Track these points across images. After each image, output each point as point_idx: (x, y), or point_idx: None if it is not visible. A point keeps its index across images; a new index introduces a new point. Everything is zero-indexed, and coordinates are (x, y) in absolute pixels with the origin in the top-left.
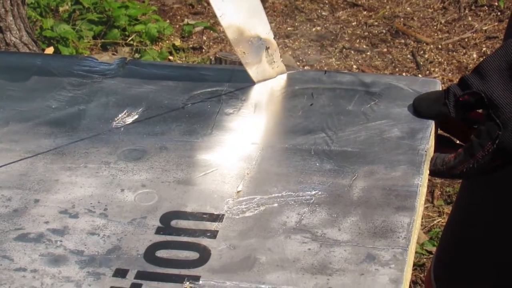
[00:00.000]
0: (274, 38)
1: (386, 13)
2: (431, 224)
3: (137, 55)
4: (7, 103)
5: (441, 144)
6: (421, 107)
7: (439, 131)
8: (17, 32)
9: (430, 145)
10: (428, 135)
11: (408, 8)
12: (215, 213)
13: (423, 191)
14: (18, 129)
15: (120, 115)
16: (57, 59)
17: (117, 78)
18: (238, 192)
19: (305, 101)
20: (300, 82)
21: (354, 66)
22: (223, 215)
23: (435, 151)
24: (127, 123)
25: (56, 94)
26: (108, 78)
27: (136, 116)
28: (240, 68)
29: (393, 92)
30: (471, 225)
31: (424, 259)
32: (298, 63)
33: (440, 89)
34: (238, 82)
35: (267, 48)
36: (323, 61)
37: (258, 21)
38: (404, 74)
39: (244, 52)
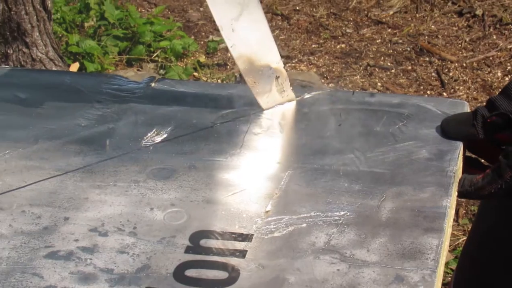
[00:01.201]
0: (284, 67)
1: (411, 31)
2: (456, 243)
3: (162, 71)
4: (37, 121)
5: (469, 165)
6: (449, 129)
7: (467, 152)
8: (43, 48)
9: (458, 166)
10: (456, 157)
11: (433, 26)
12: (244, 232)
13: (451, 212)
14: (47, 147)
15: (149, 134)
16: (86, 77)
17: (146, 97)
18: (267, 212)
19: (334, 122)
20: (329, 102)
21: (379, 84)
22: (252, 235)
23: (463, 172)
24: (156, 141)
25: (85, 113)
26: (137, 96)
27: (165, 135)
28: None
29: (421, 113)
30: (485, 243)
31: (449, 278)
32: (323, 80)
33: (468, 110)
34: None
35: (277, 78)
36: (347, 78)
37: (268, 51)
38: (428, 92)
39: (254, 82)
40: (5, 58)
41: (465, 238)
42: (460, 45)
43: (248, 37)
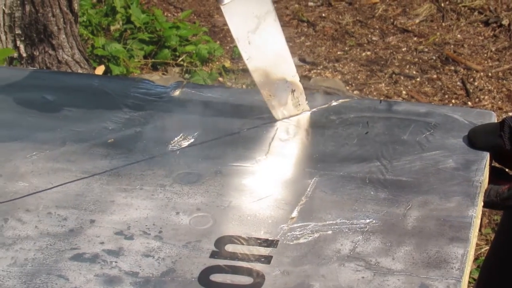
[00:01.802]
0: (299, 80)
1: (437, 39)
2: (479, 252)
3: (187, 76)
4: (64, 123)
5: (495, 175)
6: (476, 139)
7: (493, 163)
8: (69, 50)
9: (484, 176)
10: (483, 167)
11: (459, 35)
12: (269, 238)
13: (477, 222)
14: (74, 149)
15: (176, 138)
16: (114, 80)
17: (173, 101)
18: (292, 218)
19: (360, 130)
20: (356, 110)
21: (404, 92)
22: (277, 240)
23: (489, 182)
24: (182, 146)
25: (112, 116)
26: (164, 101)
27: (192, 140)
28: None
29: (449, 123)
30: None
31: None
32: (348, 88)
33: (495, 121)
34: None
35: (293, 91)
36: (372, 86)
37: (284, 64)
38: (453, 101)
39: (270, 95)
40: (31, 59)
41: (488, 247)
42: (485, 55)
43: (265, 50)
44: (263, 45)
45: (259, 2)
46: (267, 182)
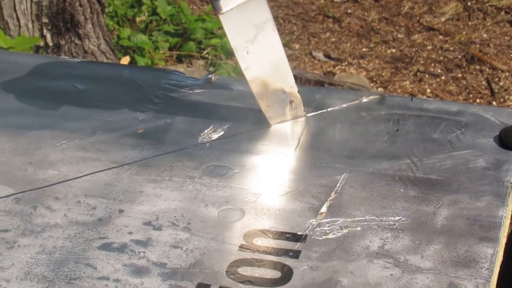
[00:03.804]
0: (298, 91)
1: (462, 38)
2: None
3: (211, 69)
4: (94, 113)
5: None
6: (508, 139)
7: None
8: (96, 40)
9: None
10: None
11: (485, 35)
12: (298, 233)
13: (506, 222)
14: (104, 139)
15: (206, 131)
16: (145, 71)
17: (204, 94)
18: (321, 213)
19: (391, 127)
20: (387, 107)
21: (428, 90)
22: (306, 235)
23: None
24: (212, 138)
25: (142, 106)
26: (195, 93)
27: (222, 132)
28: (328, 89)
29: (480, 122)
30: None
31: None
32: (372, 84)
33: None
34: (324, 103)
35: (291, 102)
36: (397, 84)
37: (282, 74)
38: (478, 100)
39: (268, 106)
40: (57, 49)
41: None
42: (511, 55)
43: (263, 60)
44: (261, 55)
45: (258, 11)
46: (296, 177)
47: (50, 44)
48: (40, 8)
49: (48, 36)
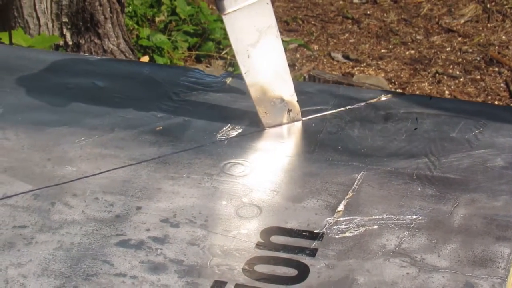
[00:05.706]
0: (297, 101)
1: (481, 40)
2: None
3: (230, 69)
4: (113, 109)
5: None
6: None
7: None
8: (115, 40)
9: None
10: None
11: (504, 37)
12: (315, 231)
13: None
14: (123, 135)
15: (224, 128)
16: (164, 69)
17: (223, 92)
18: (339, 212)
19: (409, 125)
20: (405, 106)
21: (446, 92)
22: (323, 233)
23: None
24: (231, 136)
25: (161, 104)
26: (213, 90)
27: (240, 130)
28: (346, 88)
29: (498, 122)
30: None
31: None
32: (390, 86)
33: None
34: (343, 102)
35: (289, 111)
36: (415, 85)
37: (282, 82)
38: (496, 102)
39: (265, 112)
40: (77, 48)
41: None
42: None
43: (264, 66)
44: (262, 60)
45: (262, 16)
46: (314, 175)
47: (70, 43)
48: (60, 7)
49: (68, 35)
